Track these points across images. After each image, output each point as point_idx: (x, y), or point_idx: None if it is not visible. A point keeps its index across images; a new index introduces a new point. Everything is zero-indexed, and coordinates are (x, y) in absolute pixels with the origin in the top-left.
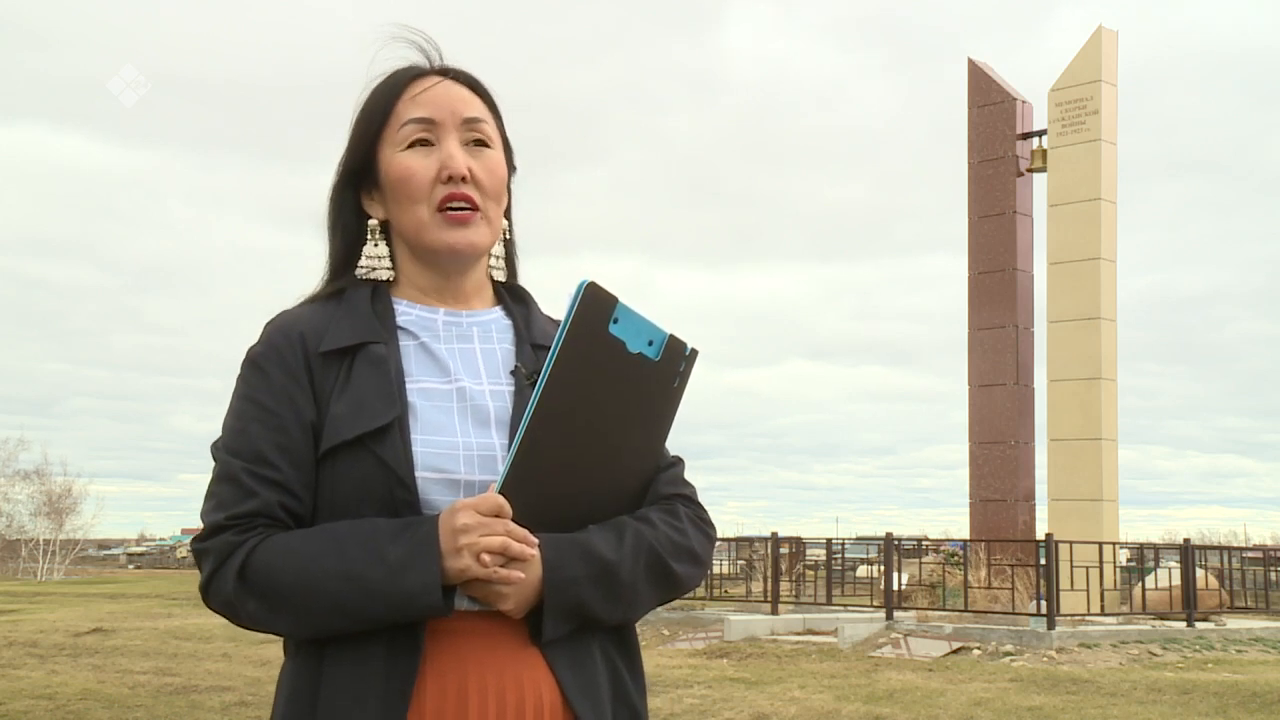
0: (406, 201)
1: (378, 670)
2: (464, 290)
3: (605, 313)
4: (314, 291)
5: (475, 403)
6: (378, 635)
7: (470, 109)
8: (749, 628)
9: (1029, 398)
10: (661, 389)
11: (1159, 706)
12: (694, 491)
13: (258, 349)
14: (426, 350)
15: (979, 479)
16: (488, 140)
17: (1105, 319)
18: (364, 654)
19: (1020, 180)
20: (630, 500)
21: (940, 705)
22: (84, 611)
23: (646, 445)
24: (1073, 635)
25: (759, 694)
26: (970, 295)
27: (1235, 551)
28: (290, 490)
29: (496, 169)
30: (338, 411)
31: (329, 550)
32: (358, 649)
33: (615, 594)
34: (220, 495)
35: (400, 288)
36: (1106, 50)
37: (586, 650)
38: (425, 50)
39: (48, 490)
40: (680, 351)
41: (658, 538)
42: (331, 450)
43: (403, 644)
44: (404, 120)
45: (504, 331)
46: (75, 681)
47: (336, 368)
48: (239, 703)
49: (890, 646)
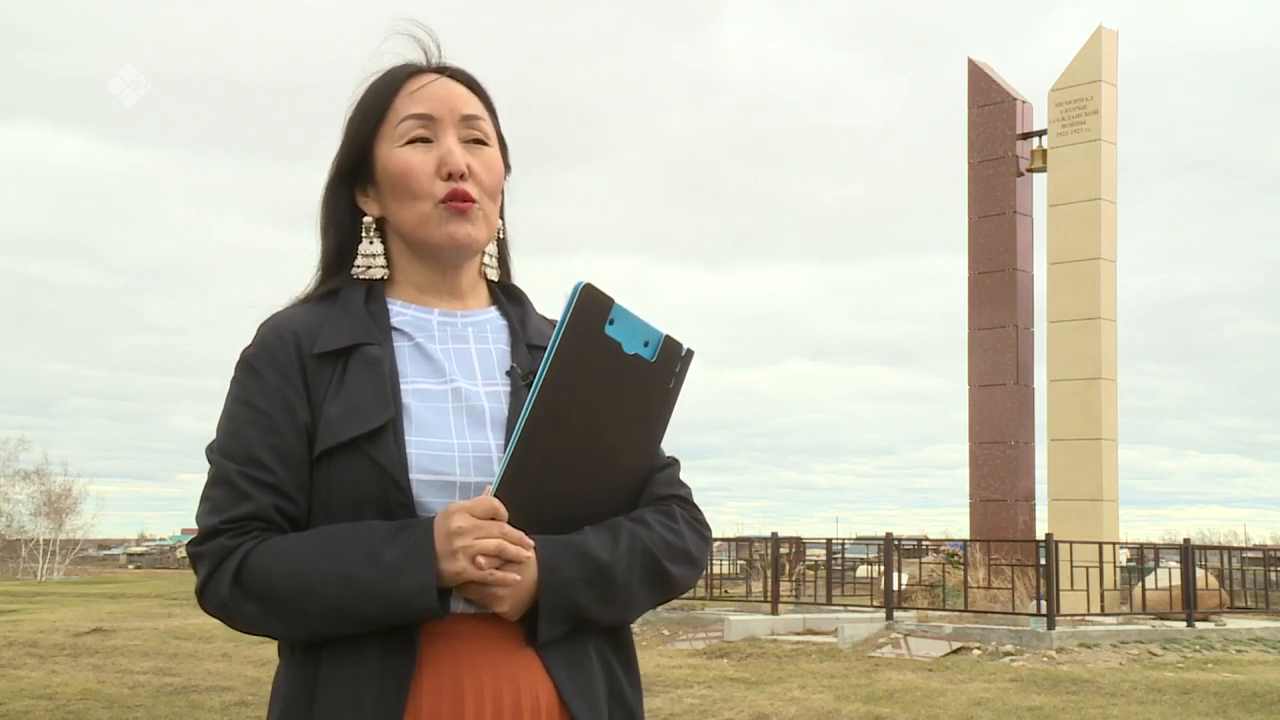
0: (407, 197)
1: (373, 673)
2: (460, 287)
3: (601, 314)
4: (307, 291)
5: (471, 403)
6: (373, 638)
7: (468, 106)
8: (749, 628)
9: (1029, 398)
10: (658, 390)
11: (1159, 706)
12: (689, 492)
13: (251, 350)
14: (421, 351)
15: (979, 479)
16: (485, 138)
17: (1105, 319)
18: (359, 656)
19: (1020, 180)
20: (626, 501)
21: (940, 705)
22: (84, 611)
23: (642, 446)
24: (1073, 635)
25: (759, 694)
26: (970, 295)
27: (1235, 551)
28: (284, 493)
29: (494, 167)
30: (332, 414)
31: (324, 553)
32: (353, 652)
33: (610, 595)
34: (215, 499)
35: (396, 286)
36: (1106, 50)
37: (583, 651)
38: (425, 46)
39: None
40: (676, 352)
41: (653, 539)
42: (326, 452)
43: (398, 646)
44: (402, 116)
45: (499, 331)
46: (75, 681)
47: (330, 369)
48: (239, 703)
49: (890, 646)
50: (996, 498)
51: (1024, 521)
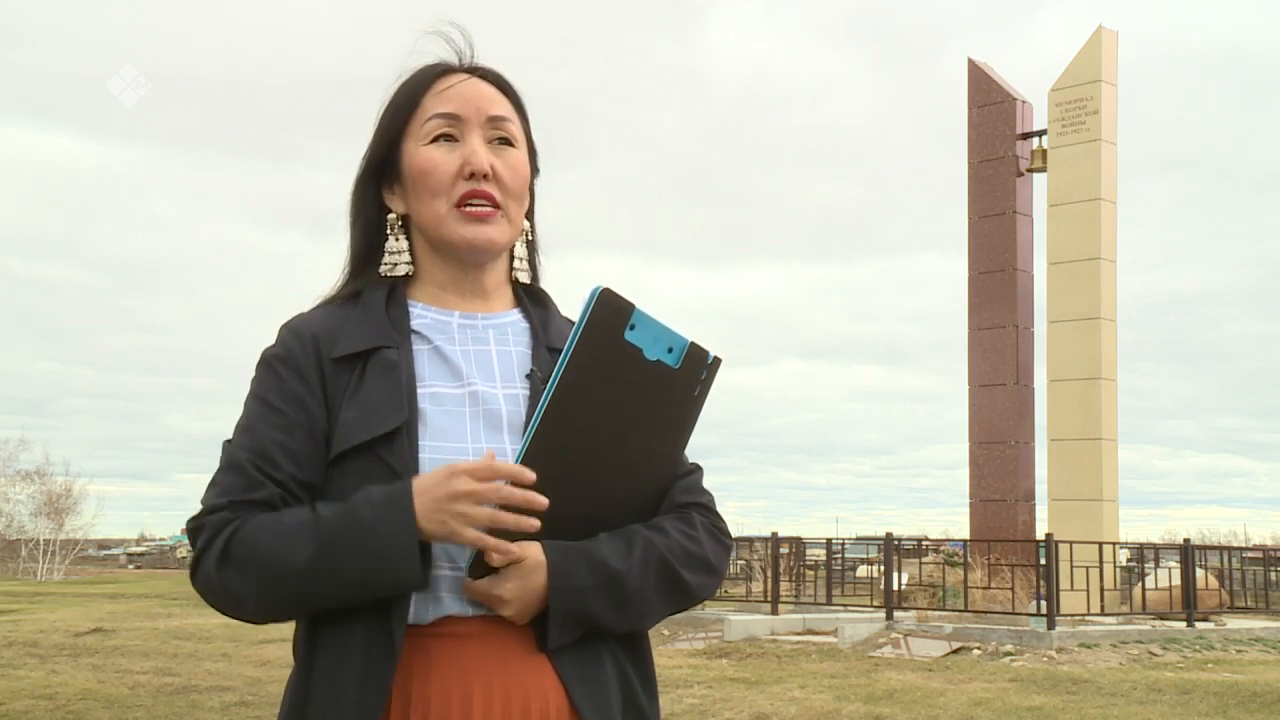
0: (427, 195)
1: (356, 666)
2: (483, 287)
3: (620, 320)
4: (331, 292)
5: (488, 406)
6: (355, 641)
7: (496, 107)
8: (749, 628)
9: (1029, 398)
10: (681, 396)
11: (1159, 706)
12: (712, 500)
13: (272, 350)
14: (440, 354)
15: (979, 479)
16: (512, 139)
17: (1105, 319)
18: (343, 657)
19: (1020, 180)
20: (646, 507)
21: (940, 705)
22: (84, 611)
23: (663, 453)
24: (1073, 635)
25: (759, 694)
26: (970, 295)
27: (1235, 551)
28: (291, 490)
29: (519, 168)
30: (347, 417)
31: (307, 521)
32: (338, 652)
33: (622, 603)
34: (224, 483)
35: (419, 284)
36: (1106, 50)
37: (596, 656)
38: (458, 47)
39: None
40: (702, 359)
41: (670, 546)
42: (341, 455)
43: (380, 647)
44: (429, 115)
45: (520, 334)
46: (75, 681)
47: (349, 373)
48: (239, 703)
49: (890, 646)
50: (996, 498)
51: (1024, 521)
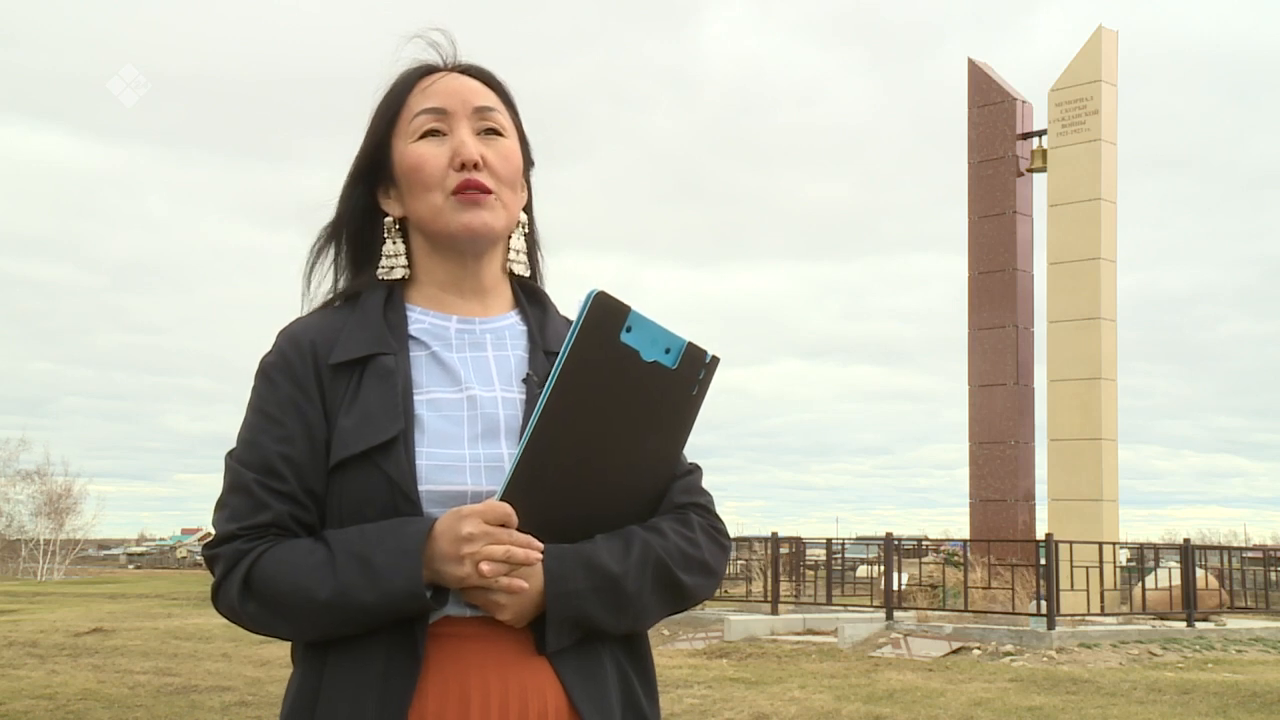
0: (421, 190)
1: (378, 673)
2: (482, 284)
3: (616, 322)
4: (328, 296)
5: (486, 411)
6: (378, 639)
7: (481, 98)
8: (749, 628)
9: (1029, 398)
10: (679, 397)
11: (1159, 706)
12: (710, 501)
13: (269, 359)
14: (437, 360)
15: (979, 479)
16: (500, 129)
17: (1105, 319)
18: (365, 656)
19: (1020, 180)
20: (643, 509)
21: (940, 705)
22: (84, 611)
23: (662, 453)
24: (1073, 635)
25: (759, 694)
26: (970, 295)
27: (1235, 551)
28: (299, 501)
29: (510, 156)
30: (345, 425)
31: (322, 561)
32: (359, 651)
33: (619, 606)
34: (233, 506)
35: (417, 287)
36: (1106, 50)
37: (595, 658)
38: (440, 50)
39: (48, 490)
40: (699, 359)
41: (667, 548)
42: (340, 464)
43: (403, 646)
44: (415, 112)
45: (518, 338)
46: (75, 681)
47: (346, 380)
48: (239, 703)
49: (890, 646)
50: (996, 498)
51: (1024, 521)
